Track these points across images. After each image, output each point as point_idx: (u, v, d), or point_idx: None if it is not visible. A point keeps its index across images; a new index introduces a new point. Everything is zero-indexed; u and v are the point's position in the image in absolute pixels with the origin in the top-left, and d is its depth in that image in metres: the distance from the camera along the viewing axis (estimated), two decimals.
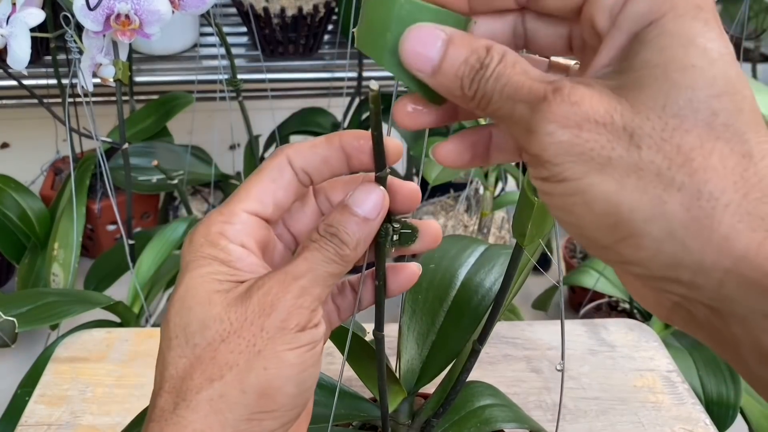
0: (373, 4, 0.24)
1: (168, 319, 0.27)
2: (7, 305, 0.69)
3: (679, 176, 0.20)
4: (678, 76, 0.20)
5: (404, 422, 0.43)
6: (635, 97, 0.21)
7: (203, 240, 0.27)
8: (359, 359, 0.40)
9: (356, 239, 0.27)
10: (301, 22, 1.16)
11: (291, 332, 0.26)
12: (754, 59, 1.57)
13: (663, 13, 0.21)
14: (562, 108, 0.21)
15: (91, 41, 0.69)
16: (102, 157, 0.74)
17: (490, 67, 0.23)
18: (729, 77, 0.20)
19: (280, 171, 0.28)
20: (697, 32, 0.21)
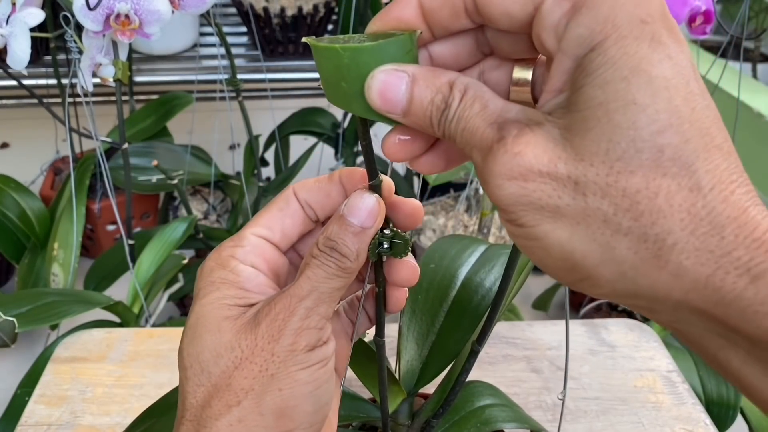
0: (320, 61, 0.24)
1: (182, 348, 0.28)
2: (7, 305, 0.69)
3: (625, 221, 0.20)
4: (619, 117, 0.20)
5: (404, 423, 0.43)
6: (579, 143, 0.20)
7: (214, 264, 0.28)
8: (359, 360, 0.40)
9: (356, 250, 0.27)
10: (301, 22, 1.16)
11: (301, 353, 0.26)
12: (754, 59, 1.57)
13: (605, 35, 0.20)
14: (505, 159, 0.21)
15: (90, 41, 0.68)
16: (102, 157, 0.73)
17: (452, 108, 0.23)
18: (674, 107, 0.20)
19: (286, 201, 0.30)
20: (642, 56, 0.20)
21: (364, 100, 0.24)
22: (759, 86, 1.40)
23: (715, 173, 0.20)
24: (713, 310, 0.20)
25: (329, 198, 0.30)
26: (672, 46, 0.20)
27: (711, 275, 0.20)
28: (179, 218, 0.91)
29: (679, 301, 0.20)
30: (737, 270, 0.19)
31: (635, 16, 0.20)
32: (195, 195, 1.18)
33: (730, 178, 0.20)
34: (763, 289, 0.19)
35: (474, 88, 0.23)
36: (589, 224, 0.21)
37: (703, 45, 1.50)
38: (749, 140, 1.28)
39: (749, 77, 1.50)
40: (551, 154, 0.21)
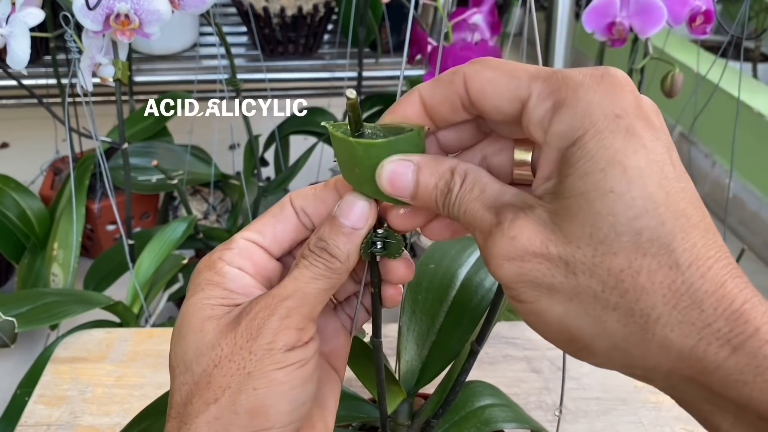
0: (337, 147, 0.27)
1: (170, 348, 0.28)
2: (7, 305, 0.69)
3: (612, 297, 0.22)
4: (599, 205, 0.22)
5: (404, 423, 0.43)
6: (566, 227, 0.22)
7: (203, 267, 0.29)
8: (358, 360, 0.40)
9: (346, 251, 0.28)
10: (301, 22, 1.16)
11: (279, 352, 0.26)
12: (754, 59, 1.57)
13: (584, 130, 0.22)
14: (503, 243, 0.23)
15: (90, 41, 0.68)
16: (101, 156, 0.73)
17: (453, 192, 0.26)
18: (648, 194, 0.22)
19: (281, 208, 0.30)
20: (617, 149, 0.22)
21: (375, 184, 0.26)
22: (759, 86, 1.40)
23: (692, 251, 0.21)
24: (699, 378, 0.21)
25: (325, 205, 0.30)
26: (646, 136, 0.22)
27: (694, 346, 0.21)
28: (179, 218, 0.91)
29: (669, 370, 0.22)
30: (718, 341, 0.21)
31: (610, 112, 0.22)
32: (195, 195, 1.18)
33: (707, 254, 0.21)
34: (743, 358, 0.21)
35: (473, 173, 0.26)
36: (581, 300, 0.22)
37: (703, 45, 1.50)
38: (749, 140, 1.28)
39: (749, 77, 1.50)
40: (542, 237, 0.23)
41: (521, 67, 0.25)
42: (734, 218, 1.34)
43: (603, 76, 0.23)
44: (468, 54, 0.85)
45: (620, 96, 0.23)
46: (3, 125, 1.55)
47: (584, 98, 0.23)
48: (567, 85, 0.23)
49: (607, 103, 0.23)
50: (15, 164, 1.16)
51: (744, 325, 0.21)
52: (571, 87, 0.23)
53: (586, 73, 0.23)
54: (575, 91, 0.23)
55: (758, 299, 0.21)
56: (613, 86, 0.23)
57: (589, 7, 0.73)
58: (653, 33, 0.72)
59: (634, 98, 0.23)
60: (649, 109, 0.23)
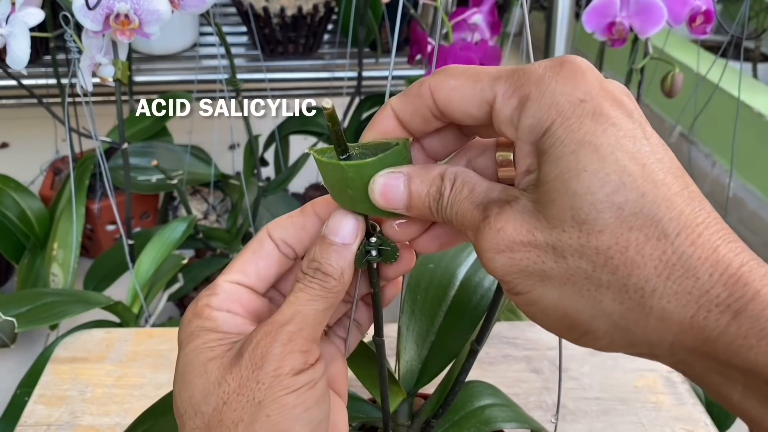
0: (325, 173, 0.27)
1: (175, 397, 0.28)
2: (7, 305, 0.69)
3: (604, 276, 0.22)
4: (575, 185, 0.22)
5: (404, 423, 0.43)
6: (549, 213, 0.23)
7: (191, 316, 0.29)
8: (358, 360, 0.40)
9: (339, 268, 0.28)
10: (301, 22, 1.16)
11: (286, 377, 0.26)
12: (754, 59, 1.57)
13: (551, 120, 0.23)
14: (491, 236, 0.24)
15: (90, 41, 0.68)
16: (101, 156, 0.73)
17: (444, 196, 0.26)
18: (622, 167, 0.21)
19: (260, 243, 0.30)
20: (586, 130, 0.22)
21: (369, 201, 0.27)
22: (759, 86, 1.40)
23: (679, 219, 0.21)
24: (704, 347, 0.21)
25: (305, 231, 0.30)
26: (614, 114, 0.22)
27: (694, 315, 0.21)
28: (179, 218, 0.91)
29: (672, 343, 0.21)
30: (718, 307, 0.20)
31: (574, 98, 0.23)
32: (195, 195, 1.18)
33: (695, 221, 0.21)
34: (746, 323, 0.20)
35: (462, 175, 0.26)
36: (575, 282, 0.22)
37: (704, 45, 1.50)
38: (749, 140, 1.28)
39: (749, 77, 1.50)
40: (528, 225, 0.23)
41: (483, 70, 0.25)
42: (734, 218, 1.34)
43: (562, 64, 0.23)
44: (468, 54, 0.85)
45: (582, 81, 0.23)
46: (3, 125, 1.56)
47: (547, 90, 0.23)
48: (529, 80, 0.23)
49: (570, 90, 0.23)
50: (15, 164, 1.16)
51: (743, 289, 0.20)
52: (533, 81, 0.23)
53: (546, 65, 0.24)
54: (537, 84, 0.23)
55: (756, 262, 0.21)
56: (574, 73, 0.23)
57: (589, 7, 0.73)
58: (653, 33, 0.72)
59: (597, 81, 0.23)
60: (615, 89, 0.23)
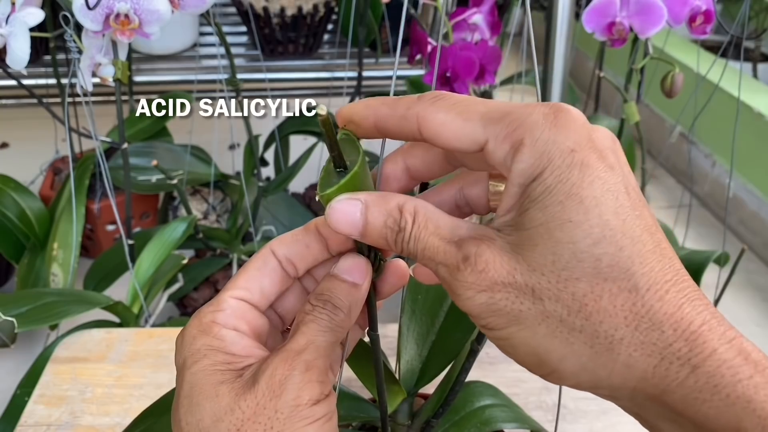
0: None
1: (179, 419, 0.27)
2: (7, 305, 0.69)
3: (578, 321, 0.23)
4: (559, 234, 0.23)
5: (404, 423, 0.43)
6: (529, 256, 0.24)
7: (196, 332, 0.28)
8: (358, 360, 0.40)
9: (348, 303, 0.28)
10: (301, 22, 1.16)
11: (305, 407, 0.26)
12: (754, 59, 1.57)
13: (543, 168, 0.24)
14: (473, 277, 0.24)
15: (90, 41, 0.68)
16: (101, 156, 0.73)
17: (406, 230, 0.26)
18: (605, 221, 0.23)
19: (264, 261, 0.30)
20: (573, 182, 0.23)
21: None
22: (759, 86, 1.40)
23: (650, 275, 0.23)
24: (662, 396, 0.23)
25: (309, 249, 0.30)
26: (600, 167, 0.24)
27: (657, 365, 0.22)
28: (179, 218, 0.91)
29: (634, 388, 0.23)
30: (679, 360, 0.22)
31: (565, 147, 0.24)
32: (195, 195, 1.18)
33: (664, 278, 0.23)
34: (702, 377, 0.22)
35: (423, 209, 0.26)
36: (549, 324, 0.23)
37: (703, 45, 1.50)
38: (749, 140, 1.28)
39: (749, 77, 1.50)
40: (509, 267, 0.24)
41: (473, 107, 0.25)
42: (734, 218, 1.34)
43: (557, 114, 0.24)
44: (468, 54, 0.85)
45: (573, 131, 0.24)
46: (3, 125, 1.55)
47: (540, 137, 0.24)
48: (522, 125, 0.24)
49: (562, 139, 0.24)
50: (15, 164, 1.16)
51: (702, 346, 0.22)
52: (526, 128, 0.24)
53: (541, 111, 0.24)
54: (531, 131, 0.24)
55: (717, 320, 0.23)
56: (567, 122, 0.24)
57: (589, 7, 0.73)
58: (653, 33, 0.72)
59: (587, 132, 0.24)
60: (602, 140, 0.25)
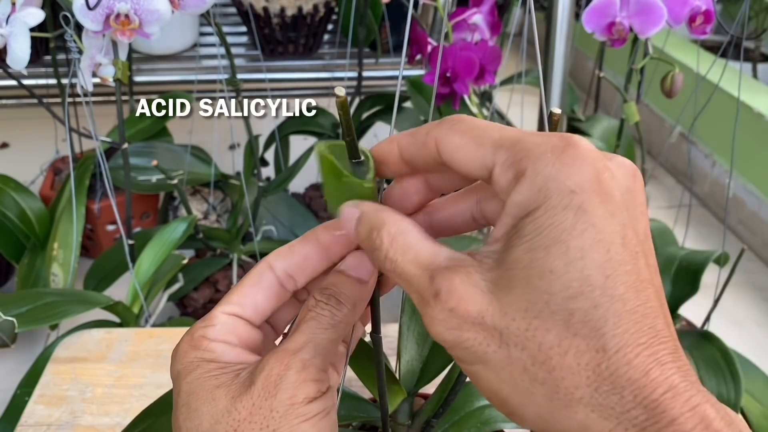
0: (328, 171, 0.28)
1: (178, 426, 0.27)
2: (7, 305, 0.69)
3: (540, 372, 0.22)
4: (537, 282, 0.22)
5: (404, 423, 0.43)
6: (503, 299, 0.23)
7: (187, 347, 0.28)
8: (359, 360, 0.40)
9: (353, 298, 0.28)
10: (301, 22, 1.16)
11: (301, 406, 0.26)
12: (754, 59, 1.57)
13: (538, 204, 0.23)
14: (442, 314, 0.24)
15: (90, 41, 0.68)
16: (101, 156, 0.73)
17: (382, 250, 0.26)
18: (585, 276, 0.22)
19: (259, 276, 0.30)
20: (565, 227, 0.22)
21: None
22: (759, 86, 1.40)
23: (622, 337, 0.22)
24: None
25: (308, 260, 0.30)
26: (598, 214, 0.22)
27: (613, 429, 0.22)
28: (179, 218, 0.91)
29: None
30: (635, 427, 0.21)
31: (565, 187, 0.22)
32: (195, 195, 1.18)
33: (637, 341, 0.22)
34: None
35: (403, 234, 0.26)
36: (512, 371, 0.23)
37: (703, 45, 1.50)
38: (749, 140, 1.28)
39: (749, 77, 1.50)
40: (480, 307, 0.23)
41: (488, 132, 0.25)
42: (734, 218, 1.34)
43: (565, 148, 0.23)
44: (468, 54, 0.85)
45: (579, 170, 0.23)
46: (3, 125, 1.56)
47: (542, 171, 0.23)
48: (528, 156, 0.23)
49: (564, 178, 0.23)
50: (15, 164, 1.16)
51: (661, 415, 0.21)
52: (531, 159, 0.23)
53: (549, 144, 0.23)
54: (534, 163, 0.23)
55: (685, 384, 0.22)
56: (574, 159, 0.23)
57: (589, 7, 0.73)
58: (653, 33, 0.72)
59: (595, 172, 0.23)
60: (612, 181, 0.23)
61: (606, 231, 0.22)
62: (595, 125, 1.19)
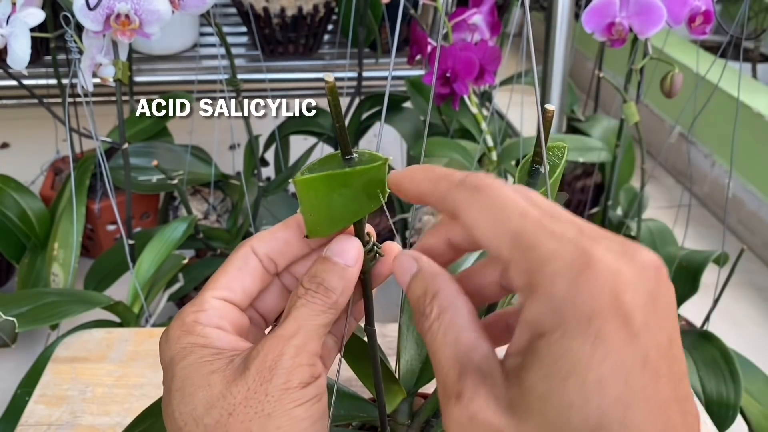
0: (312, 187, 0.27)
1: (172, 410, 0.27)
2: (7, 305, 0.69)
3: None
4: (555, 417, 0.21)
5: (404, 422, 0.43)
6: (520, 422, 0.22)
7: (179, 332, 0.28)
8: (358, 359, 0.40)
9: (341, 285, 0.28)
10: (301, 22, 1.16)
11: (295, 390, 0.27)
12: (753, 59, 1.57)
13: (553, 327, 0.22)
14: (462, 418, 0.24)
15: (91, 41, 0.69)
16: (102, 157, 0.74)
17: (428, 319, 0.26)
18: (604, 411, 0.21)
19: (245, 260, 0.30)
20: (581, 357, 0.21)
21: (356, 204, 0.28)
22: (759, 86, 1.40)
23: None
24: None
25: (289, 245, 0.30)
26: (617, 341, 0.21)
27: None
28: (179, 218, 0.91)
29: None
30: None
31: (581, 314, 0.21)
32: (195, 195, 1.18)
33: None
34: None
35: (452, 312, 0.25)
36: None
37: (703, 45, 1.50)
38: (749, 140, 1.28)
39: (749, 77, 1.50)
40: (497, 422, 0.23)
41: (508, 216, 0.24)
42: (734, 218, 1.34)
43: (581, 269, 0.22)
44: (468, 54, 0.85)
45: (596, 293, 0.21)
46: (3, 125, 1.56)
47: (557, 292, 0.22)
48: (541, 270, 0.22)
49: (580, 303, 0.21)
50: (15, 164, 1.16)
51: None
52: (547, 274, 0.22)
53: (565, 259, 0.22)
54: (551, 280, 0.22)
55: None
56: (591, 281, 0.21)
57: (588, 8, 0.74)
58: (653, 33, 0.72)
59: (614, 293, 0.21)
60: (633, 299, 0.22)
61: (625, 358, 0.21)
62: (595, 125, 1.19)
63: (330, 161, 0.27)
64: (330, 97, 0.25)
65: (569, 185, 1.23)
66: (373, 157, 0.27)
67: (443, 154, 0.91)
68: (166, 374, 0.28)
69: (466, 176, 0.25)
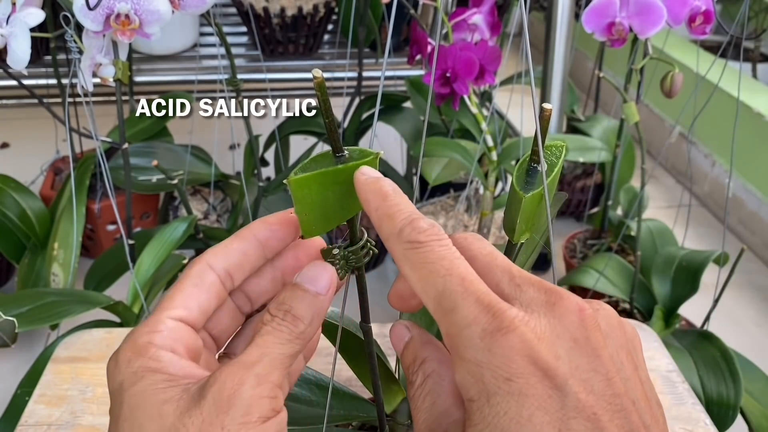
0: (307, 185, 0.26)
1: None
2: (7, 305, 0.69)
3: None
4: None
5: (403, 422, 0.43)
6: None
7: (131, 354, 0.26)
8: (357, 359, 0.40)
9: (310, 314, 0.27)
10: (301, 22, 1.16)
11: (255, 426, 0.24)
12: (753, 59, 1.57)
13: (477, 393, 0.22)
14: None
15: (90, 41, 0.69)
16: (102, 157, 0.74)
17: (413, 385, 0.26)
18: None
19: (200, 276, 0.28)
20: (511, 417, 0.22)
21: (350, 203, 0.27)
22: (759, 86, 1.40)
23: None
24: None
25: (247, 257, 0.29)
26: (542, 394, 0.22)
27: None
28: (179, 218, 0.91)
29: None
30: None
31: (500, 376, 0.22)
32: (195, 195, 1.18)
33: None
34: None
35: (434, 378, 0.26)
36: None
37: (703, 45, 1.50)
38: (749, 140, 1.28)
39: (749, 77, 1.50)
40: None
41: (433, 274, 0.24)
42: (734, 218, 1.34)
43: (493, 333, 0.22)
44: (468, 54, 0.85)
45: (512, 354, 0.22)
46: (3, 125, 1.56)
47: (474, 359, 0.22)
48: (458, 337, 0.23)
49: (496, 367, 0.22)
50: (15, 164, 1.16)
51: None
52: (461, 343, 0.23)
53: (481, 325, 0.23)
54: (468, 345, 0.23)
55: None
56: (503, 346, 0.22)
57: (588, 8, 0.74)
58: (653, 33, 0.72)
59: (528, 351, 0.22)
60: (550, 350, 0.22)
61: (554, 409, 0.21)
62: (595, 125, 1.19)
63: (322, 160, 0.27)
64: (318, 93, 0.25)
65: (569, 185, 1.23)
66: (365, 153, 0.27)
67: (443, 154, 0.91)
68: (114, 401, 0.26)
69: (406, 226, 0.25)
